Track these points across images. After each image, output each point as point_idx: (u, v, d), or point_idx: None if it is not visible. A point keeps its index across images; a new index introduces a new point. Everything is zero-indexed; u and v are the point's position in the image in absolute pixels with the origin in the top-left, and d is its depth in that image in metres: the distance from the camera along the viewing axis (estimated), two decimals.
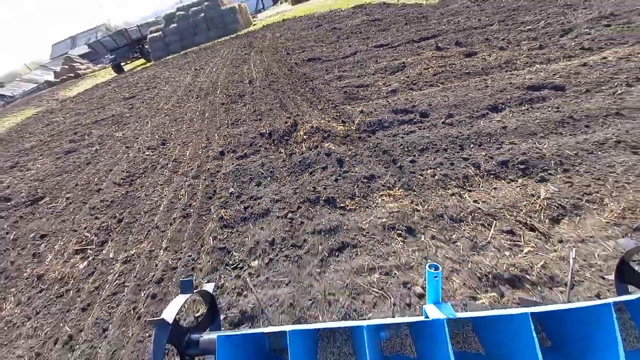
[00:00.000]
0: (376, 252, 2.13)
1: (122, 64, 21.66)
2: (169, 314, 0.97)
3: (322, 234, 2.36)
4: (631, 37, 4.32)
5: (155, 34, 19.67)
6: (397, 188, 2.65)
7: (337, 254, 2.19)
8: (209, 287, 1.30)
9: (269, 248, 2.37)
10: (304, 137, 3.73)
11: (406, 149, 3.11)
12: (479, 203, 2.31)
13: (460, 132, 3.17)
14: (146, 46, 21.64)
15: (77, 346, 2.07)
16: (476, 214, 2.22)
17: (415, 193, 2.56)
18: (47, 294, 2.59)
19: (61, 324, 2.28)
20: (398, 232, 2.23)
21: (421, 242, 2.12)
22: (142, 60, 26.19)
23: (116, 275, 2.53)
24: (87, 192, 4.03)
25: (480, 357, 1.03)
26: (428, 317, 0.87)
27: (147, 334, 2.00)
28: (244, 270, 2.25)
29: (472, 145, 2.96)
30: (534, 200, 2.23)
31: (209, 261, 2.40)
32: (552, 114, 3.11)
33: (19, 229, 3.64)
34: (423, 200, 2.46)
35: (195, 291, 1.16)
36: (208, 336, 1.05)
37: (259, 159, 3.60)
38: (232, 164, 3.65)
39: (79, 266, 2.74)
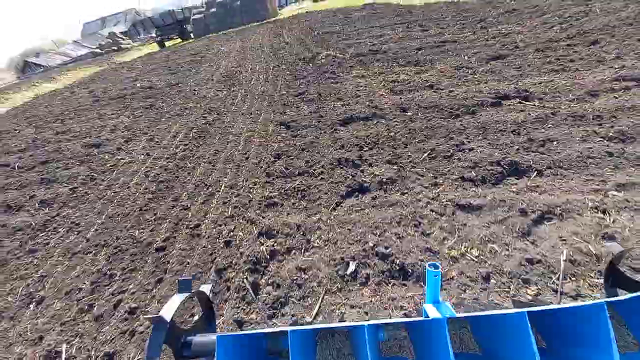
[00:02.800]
0: (349, 89, 5.60)
1: (164, 41, 25.42)
2: (166, 312, 0.95)
3: (327, 83, 5.85)
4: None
5: (197, 16, 23.51)
6: (361, 69, 6.14)
7: (329, 82, 5.68)
8: (206, 289, 1.26)
9: (304, 81, 5.87)
10: (322, 58, 7.26)
11: (370, 60, 6.60)
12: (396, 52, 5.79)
13: (395, 55, 6.64)
14: (186, 26, 25.39)
15: (234, 97, 5.60)
16: (394, 56, 5.69)
17: (368, 69, 6.05)
18: (210, 100, 6.11)
19: (217, 107, 5.79)
20: (359, 78, 5.71)
21: (369, 70, 5.61)
22: (179, 40, 30.05)
23: (242, 95, 6.06)
24: (203, 81, 7.59)
25: (477, 358, 1.04)
26: (428, 317, 0.87)
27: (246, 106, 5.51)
28: (299, 89, 5.77)
29: (397, 63, 6.44)
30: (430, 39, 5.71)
31: (282, 87, 5.91)
32: (443, 49, 6.58)
33: (176, 90, 7.19)
34: (370, 70, 5.95)
35: (192, 292, 1.14)
36: (204, 338, 1.03)
37: (299, 68, 7.13)
38: (285, 69, 7.19)
39: (222, 93, 6.28)
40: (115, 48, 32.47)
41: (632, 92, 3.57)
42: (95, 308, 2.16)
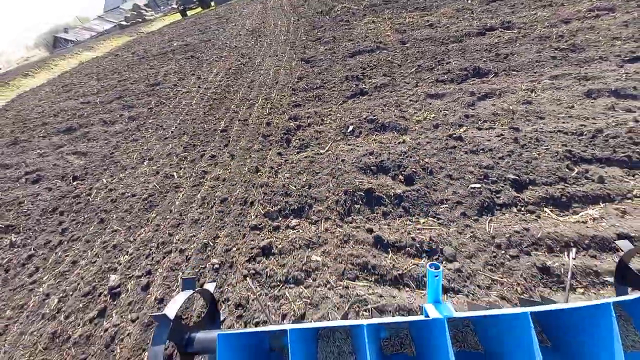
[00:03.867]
0: (360, 32, 6.39)
1: (186, 10, 26.18)
2: (170, 310, 0.99)
3: (341, 29, 6.65)
4: None
5: None
6: (372, 17, 6.86)
7: (343, 28, 6.48)
8: (210, 287, 1.31)
9: (322, 30, 6.72)
10: (337, 10, 7.97)
11: (381, 9, 7.26)
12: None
13: (405, 3, 7.24)
14: None
15: (261, 45, 6.60)
16: (404, 4, 6.40)
17: (379, 16, 6.75)
18: (240, 49, 7.13)
19: (248, 53, 6.81)
20: (369, 24, 6.47)
21: (379, 16, 6.36)
22: (199, 9, 30.64)
23: (267, 44, 7.03)
24: (232, 36, 8.57)
25: (479, 356, 1.04)
26: (428, 316, 0.88)
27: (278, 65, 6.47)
28: (316, 36, 6.63)
29: (406, 10, 7.05)
30: None
31: (302, 35, 6.79)
32: None
33: (210, 45, 8.27)
34: (380, 16, 6.66)
35: (196, 290, 1.19)
36: (208, 335, 1.08)
37: (316, 19, 7.91)
38: (304, 21, 8.00)
39: (250, 43, 7.28)
40: (140, 20, 33.64)
41: (600, 18, 4.21)
42: (188, 158, 3.44)
